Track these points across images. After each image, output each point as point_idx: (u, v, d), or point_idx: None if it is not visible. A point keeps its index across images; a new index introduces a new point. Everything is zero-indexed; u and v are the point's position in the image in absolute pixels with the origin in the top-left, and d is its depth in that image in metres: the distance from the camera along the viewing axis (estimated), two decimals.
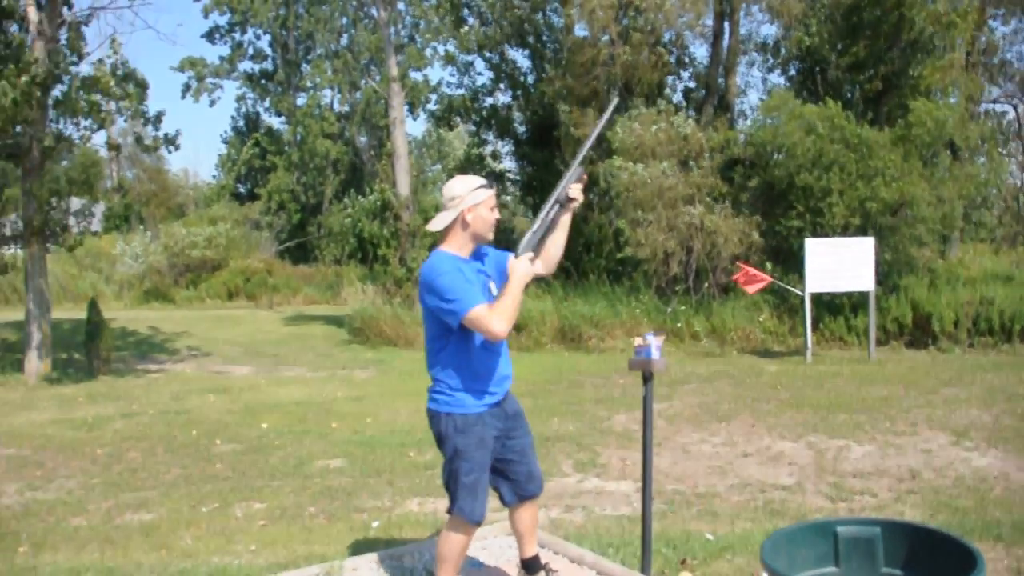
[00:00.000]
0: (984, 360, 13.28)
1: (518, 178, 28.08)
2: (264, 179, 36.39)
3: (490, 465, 3.94)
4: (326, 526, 6.23)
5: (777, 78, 24.06)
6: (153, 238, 29.83)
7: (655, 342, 4.24)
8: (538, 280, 17.04)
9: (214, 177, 41.60)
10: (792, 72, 22.50)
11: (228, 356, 16.46)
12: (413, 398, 11.11)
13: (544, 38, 24.97)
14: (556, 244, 4.04)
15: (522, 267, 3.80)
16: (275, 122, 39.42)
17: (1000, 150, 26.11)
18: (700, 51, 41.19)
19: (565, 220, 4.03)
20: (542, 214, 3.98)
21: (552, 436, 8.75)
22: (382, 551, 4.83)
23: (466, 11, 25.29)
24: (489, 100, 27.34)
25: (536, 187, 26.23)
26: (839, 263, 13.76)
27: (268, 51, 37.04)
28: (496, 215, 3.88)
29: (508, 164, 29.40)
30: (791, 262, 16.04)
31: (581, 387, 11.96)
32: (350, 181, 35.62)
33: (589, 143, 4.30)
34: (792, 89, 20.23)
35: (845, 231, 15.34)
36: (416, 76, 31.15)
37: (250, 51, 36.33)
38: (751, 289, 14.30)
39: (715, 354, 14.81)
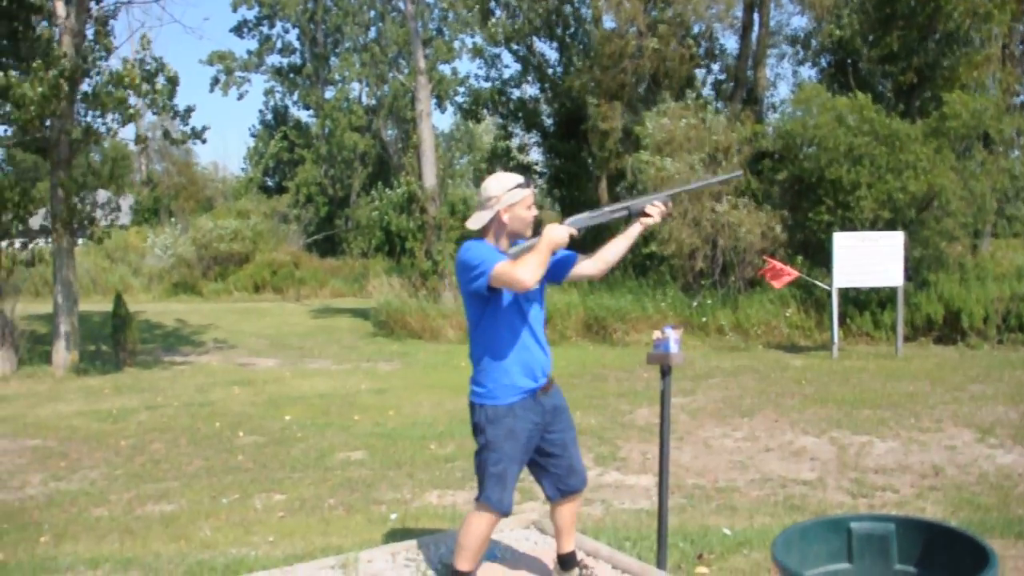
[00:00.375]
0: (1013, 357, 13.09)
1: (545, 171, 28.08)
2: (292, 172, 36.54)
3: (526, 459, 3.93)
4: (344, 518, 6.25)
5: (808, 71, 23.93)
6: (182, 231, 30.02)
7: (673, 335, 4.23)
8: None
9: (243, 170, 41.83)
10: (823, 64, 22.31)
11: (254, 348, 16.54)
12: (436, 391, 11.16)
13: (572, 30, 24.94)
14: (614, 251, 4.05)
15: (557, 230, 3.75)
16: (303, 115, 39.68)
17: None
18: (730, 43, 40.93)
19: (632, 231, 4.04)
20: (608, 207, 4.01)
21: None
22: (398, 543, 4.83)
23: (493, 3, 25.28)
24: (516, 92, 27.37)
25: (563, 180, 26.22)
26: (868, 258, 13.56)
27: (296, 45, 37.24)
28: (534, 213, 3.86)
29: (535, 156, 29.46)
30: (819, 256, 15.88)
31: (604, 380, 11.91)
32: (377, 174, 35.72)
33: (693, 187, 4.43)
34: (823, 82, 20.02)
35: (874, 225, 15.17)
36: (444, 69, 31.23)
37: (278, 45, 36.51)
38: (778, 283, 14.14)
39: (740, 348, 14.71)
